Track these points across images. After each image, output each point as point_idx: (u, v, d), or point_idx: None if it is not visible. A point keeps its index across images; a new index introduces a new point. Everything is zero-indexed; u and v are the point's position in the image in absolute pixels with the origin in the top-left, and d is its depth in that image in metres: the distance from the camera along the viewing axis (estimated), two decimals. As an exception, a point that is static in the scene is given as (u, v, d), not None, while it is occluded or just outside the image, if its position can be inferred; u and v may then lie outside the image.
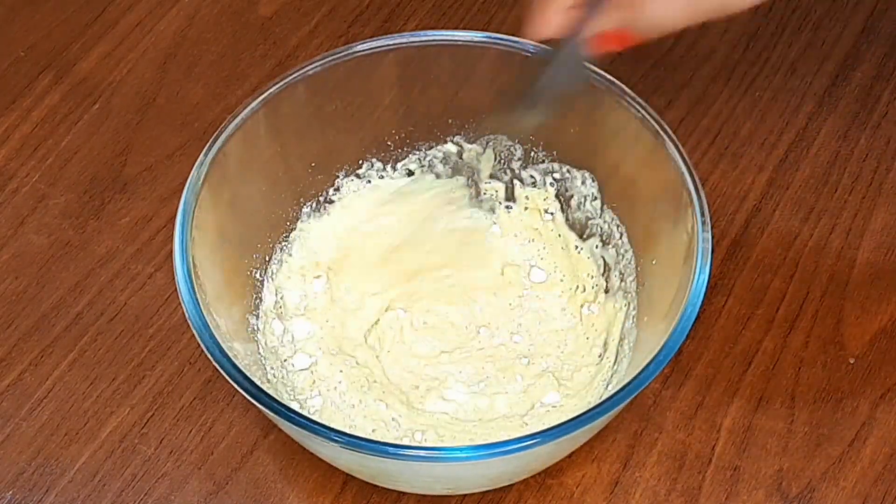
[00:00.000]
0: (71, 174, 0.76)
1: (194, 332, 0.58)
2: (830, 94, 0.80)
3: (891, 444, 0.67)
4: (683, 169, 0.62)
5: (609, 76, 0.65)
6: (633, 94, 0.65)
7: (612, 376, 0.65)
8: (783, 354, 0.69)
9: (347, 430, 0.60)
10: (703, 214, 0.61)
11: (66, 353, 0.70)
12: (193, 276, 0.59)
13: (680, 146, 0.63)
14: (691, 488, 0.65)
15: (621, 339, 0.66)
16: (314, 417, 0.61)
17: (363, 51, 0.67)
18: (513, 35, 0.66)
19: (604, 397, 0.62)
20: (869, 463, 0.66)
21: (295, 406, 0.65)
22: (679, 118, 0.79)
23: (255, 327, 0.67)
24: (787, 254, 0.73)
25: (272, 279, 0.69)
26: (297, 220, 0.70)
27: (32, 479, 0.66)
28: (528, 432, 0.56)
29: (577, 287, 0.70)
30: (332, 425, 0.57)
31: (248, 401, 0.57)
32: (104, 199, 0.75)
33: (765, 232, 0.74)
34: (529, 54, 0.65)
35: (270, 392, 0.58)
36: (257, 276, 0.68)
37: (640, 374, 0.57)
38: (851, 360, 0.69)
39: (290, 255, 0.70)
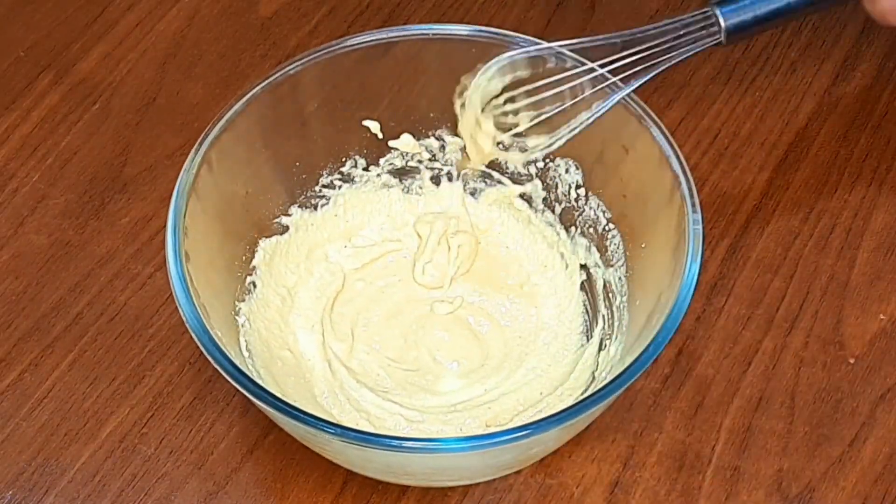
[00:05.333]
0: (71, 174, 0.76)
1: (192, 334, 0.58)
2: (830, 94, 0.80)
3: (891, 444, 0.67)
4: (669, 152, 0.62)
5: (590, 62, 0.65)
6: (615, 80, 0.64)
7: (603, 362, 0.66)
8: (783, 354, 0.69)
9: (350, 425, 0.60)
10: (691, 196, 0.61)
11: (66, 353, 0.70)
12: (188, 278, 0.59)
13: (664, 129, 0.63)
14: (691, 488, 0.65)
15: (617, 316, 0.67)
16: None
17: (343, 48, 0.66)
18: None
19: (600, 382, 0.62)
20: (869, 463, 0.66)
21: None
22: (679, 118, 0.79)
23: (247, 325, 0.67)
24: (787, 254, 0.73)
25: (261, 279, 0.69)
26: (285, 219, 0.70)
27: (32, 479, 0.66)
28: (525, 421, 0.57)
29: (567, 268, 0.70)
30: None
31: (250, 400, 0.57)
32: (104, 199, 0.75)
33: (765, 232, 0.74)
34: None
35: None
36: (246, 275, 0.68)
37: (640, 356, 0.57)
38: (851, 361, 0.69)
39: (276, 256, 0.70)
